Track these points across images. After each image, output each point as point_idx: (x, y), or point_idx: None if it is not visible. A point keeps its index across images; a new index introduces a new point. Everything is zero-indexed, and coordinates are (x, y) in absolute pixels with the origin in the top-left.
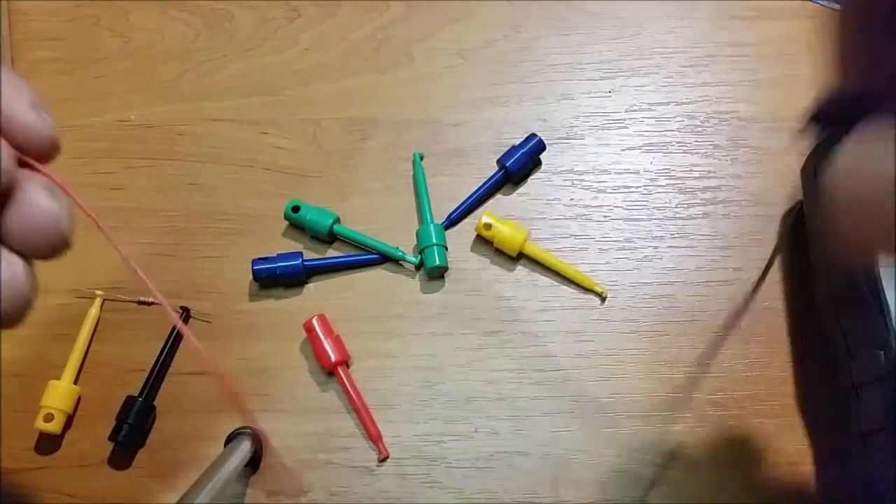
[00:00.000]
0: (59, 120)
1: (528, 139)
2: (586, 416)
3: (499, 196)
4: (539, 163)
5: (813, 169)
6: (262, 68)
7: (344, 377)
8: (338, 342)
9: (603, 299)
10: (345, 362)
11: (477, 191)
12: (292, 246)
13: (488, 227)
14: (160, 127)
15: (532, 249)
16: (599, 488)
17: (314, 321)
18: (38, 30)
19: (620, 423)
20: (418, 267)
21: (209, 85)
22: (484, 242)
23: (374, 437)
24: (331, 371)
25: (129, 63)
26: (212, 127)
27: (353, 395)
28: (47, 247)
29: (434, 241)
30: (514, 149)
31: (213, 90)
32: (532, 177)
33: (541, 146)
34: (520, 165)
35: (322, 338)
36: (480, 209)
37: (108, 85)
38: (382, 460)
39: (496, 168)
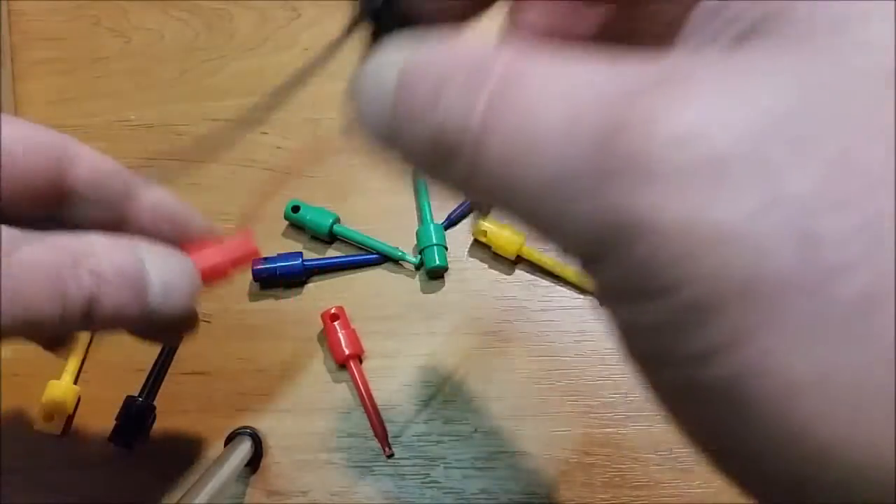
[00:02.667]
0: (60, 120)
1: None
2: (586, 416)
3: None
4: None
5: None
6: (262, 68)
7: (355, 371)
8: (353, 335)
9: None
10: (358, 356)
11: None
12: (292, 246)
13: (484, 233)
14: (160, 127)
15: (530, 253)
16: (599, 488)
17: (332, 311)
18: (38, 30)
19: (620, 423)
20: (418, 267)
21: (209, 85)
22: (483, 243)
23: (380, 435)
24: (343, 363)
25: (129, 63)
26: (212, 127)
27: (362, 390)
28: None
29: (434, 241)
30: None
31: (213, 90)
32: None
33: None
34: None
35: (339, 329)
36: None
37: (108, 85)
38: (388, 458)
39: None
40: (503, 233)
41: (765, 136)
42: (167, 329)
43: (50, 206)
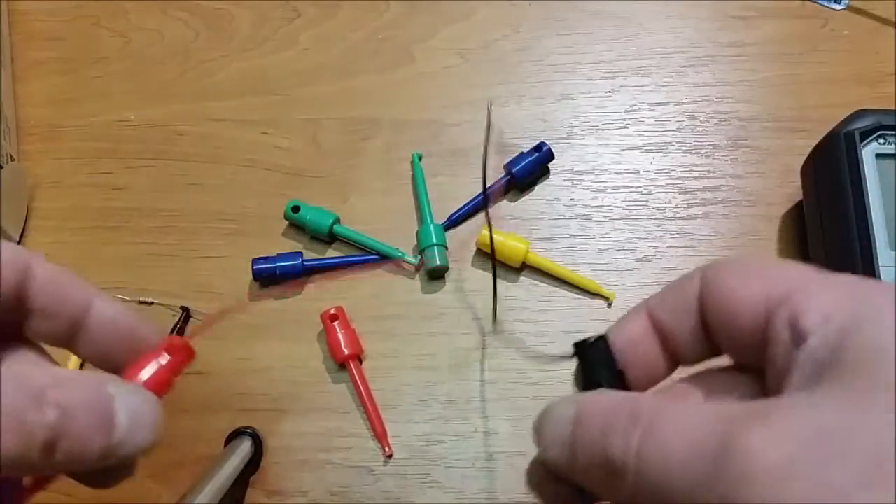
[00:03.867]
0: (59, 120)
1: (537, 147)
2: None
3: None
4: (547, 171)
5: (812, 169)
6: (262, 68)
7: (355, 371)
8: (352, 336)
9: (610, 303)
10: (358, 356)
11: (480, 194)
12: (292, 246)
13: (486, 246)
14: (160, 127)
15: (535, 259)
16: None
17: (332, 311)
18: (38, 30)
19: None
20: (418, 267)
21: (209, 85)
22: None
23: (380, 435)
24: (343, 363)
25: (129, 63)
26: (212, 127)
27: (362, 390)
28: None
29: (434, 241)
30: (521, 156)
31: (213, 90)
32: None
33: (549, 155)
34: (526, 173)
35: (338, 329)
36: (482, 212)
37: (108, 85)
38: (387, 458)
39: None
40: (507, 242)
41: (804, 464)
42: (119, 469)
43: (8, 321)
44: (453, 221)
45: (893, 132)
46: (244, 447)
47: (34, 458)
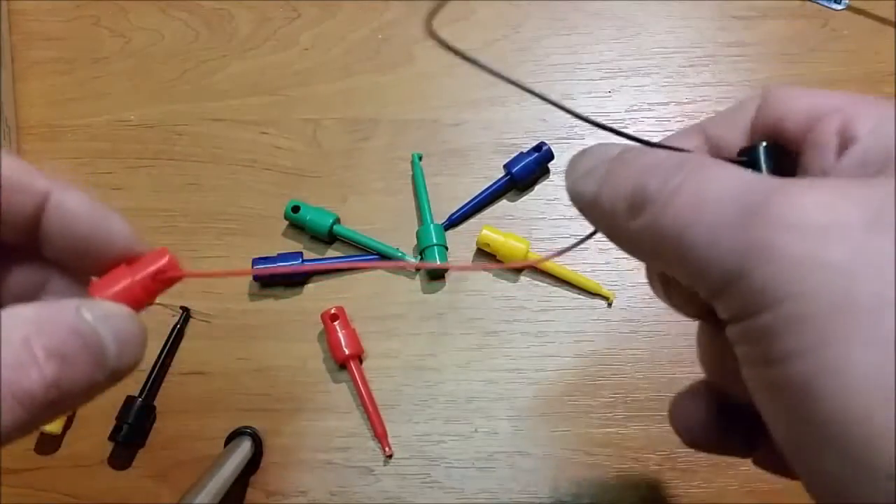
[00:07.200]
0: (59, 120)
1: (537, 147)
2: (586, 416)
3: None
4: (547, 171)
5: None
6: (262, 68)
7: (355, 371)
8: (353, 335)
9: (610, 303)
10: (358, 356)
11: (480, 194)
12: (292, 246)
13: (487, 245)
14: (160, 127)
15: (536, 258)
16: (599, 488)
17: (333, 311)
18: (38, 30)
19: (620, 423)
20: (418, 267)
21: (209, 85)
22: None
23: (380, 435)
24: (343, 363)
25: (129, 63)
26: (212, 127)
27: (362, 390)
28: None
29: (434, 241)
30: (521, 156)
31: (213, 90)
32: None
33: (549, 155)
34: (526, 173)
35: (339, 329)
36: (482, 213)
37: (108, 85)
38: (387, 458)
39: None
40: (508, 242)
41: (852, 217)
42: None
43: None
44: (453, 221)
45: None
46: (244, 447)
47: (38, 418)
